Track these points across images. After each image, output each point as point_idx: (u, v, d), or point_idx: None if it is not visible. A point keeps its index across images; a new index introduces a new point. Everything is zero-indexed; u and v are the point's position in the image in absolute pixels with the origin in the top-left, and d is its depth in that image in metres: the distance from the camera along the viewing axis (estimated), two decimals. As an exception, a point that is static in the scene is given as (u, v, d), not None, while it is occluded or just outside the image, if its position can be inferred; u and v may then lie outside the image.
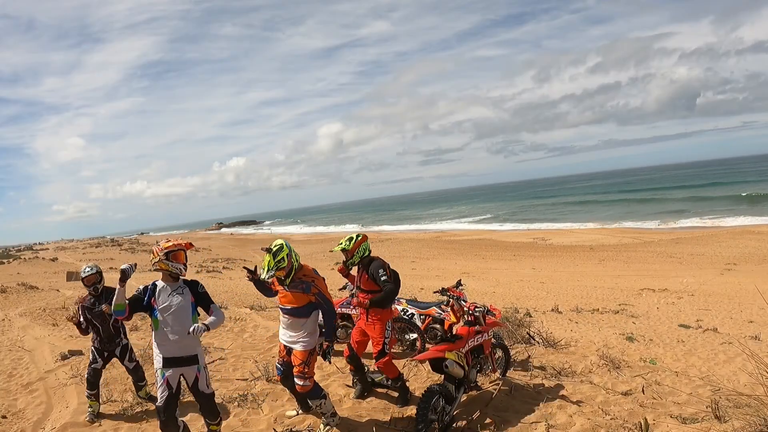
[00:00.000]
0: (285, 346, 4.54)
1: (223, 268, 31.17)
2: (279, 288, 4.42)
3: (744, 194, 52.56)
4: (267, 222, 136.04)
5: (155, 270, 3.96)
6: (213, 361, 6.70)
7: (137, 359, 5.39)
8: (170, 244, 3.98)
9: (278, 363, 4.70)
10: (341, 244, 4.97)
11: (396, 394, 5.12)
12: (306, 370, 4.31)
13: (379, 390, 5.29)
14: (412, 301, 7.37)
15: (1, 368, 7.25)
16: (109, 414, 5.04)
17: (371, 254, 5.04)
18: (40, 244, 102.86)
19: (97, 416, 4.96)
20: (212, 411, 4.11)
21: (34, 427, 5.04)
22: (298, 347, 4.38)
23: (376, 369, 5.04)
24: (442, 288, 6.32)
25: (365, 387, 5.24)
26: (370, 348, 6.94)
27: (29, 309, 12.71)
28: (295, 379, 4.35)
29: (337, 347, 6.79)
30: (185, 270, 4.02)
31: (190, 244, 4.13)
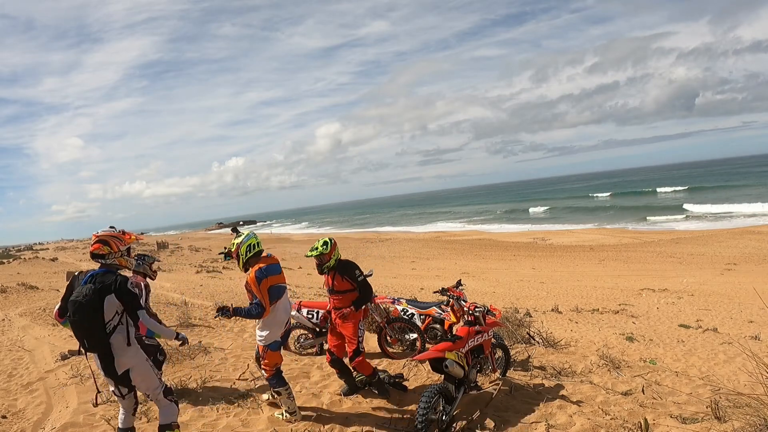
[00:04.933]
0: None
1: (223, 268, 31.16)
2: None
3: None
4: (259, 222, 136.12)
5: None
6: (221, 361, 6.69)
7: None
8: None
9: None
10: (317, 249, 5.03)
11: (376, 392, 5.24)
12: (262, 363, 4.67)
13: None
14: (412, 301, 7.37)
15: (1, 368, 7.24)
16: (109, 414, 5.04)
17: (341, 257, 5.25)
18: (40, 244, 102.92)
19: None
20: None
21: (34, 427, 5.04)
22: (261, 342, 4.63)
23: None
24: (442, 288, 6.33)
25: (352, 388, 5.32)
26: (370, 348, 6.94)
27: (29, 309, 12.70)
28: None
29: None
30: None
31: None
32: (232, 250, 4.61)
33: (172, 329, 3.92)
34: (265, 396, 5.16)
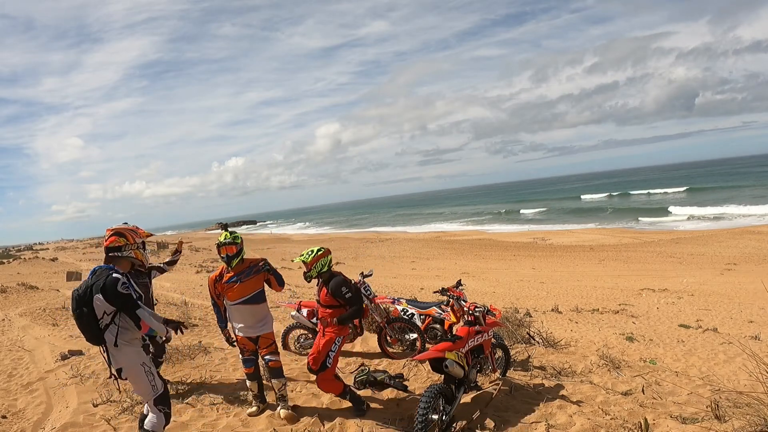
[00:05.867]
0: (249, 339, 4.85)
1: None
2: (230, 290, 4.76)
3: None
4: (259, 222, 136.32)
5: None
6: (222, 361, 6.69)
7: None
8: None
9: (247, 356, 4.92)
10: (302, 255, 4.94)
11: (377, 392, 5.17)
12: (276, 348, 4.86)
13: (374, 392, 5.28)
14: (412, 301, 7.37)
15: (1, 368, 7.25)
16: (109, 414, 5.04)
17: (332, 269, 4.97)
18: (40, 244, 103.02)
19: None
20: None
21: (34, 427, 5.04)
22: (266, 329, 4.83)
23: (377, 368, 5.05)
24: (442, 288, 6.33)
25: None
26: (370, 348, 6.95)
27: (29, 309, 12.70)
28: (269, 357, 4.80)
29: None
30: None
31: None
32: (238, 242, 4.78)
33: (161, 324, 3.70)
34: (262, 413, 4.88)
